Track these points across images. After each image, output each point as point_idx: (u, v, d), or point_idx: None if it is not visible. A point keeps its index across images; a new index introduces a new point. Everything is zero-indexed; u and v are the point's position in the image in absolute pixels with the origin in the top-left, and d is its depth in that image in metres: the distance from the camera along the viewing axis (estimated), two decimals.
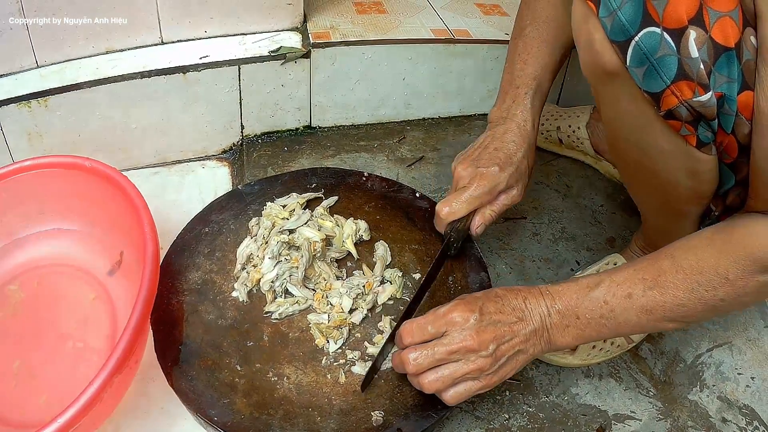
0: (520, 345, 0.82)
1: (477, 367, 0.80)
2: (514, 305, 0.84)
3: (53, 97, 1.18)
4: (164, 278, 0.97)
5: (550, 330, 0.83)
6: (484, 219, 1.01)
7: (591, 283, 0.83)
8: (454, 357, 0.80)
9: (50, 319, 1.01)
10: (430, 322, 0.83)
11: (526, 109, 1.04)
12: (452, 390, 0.82)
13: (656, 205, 1.01)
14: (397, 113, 1.54)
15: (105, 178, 0.99)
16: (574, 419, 0.99)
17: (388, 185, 1.21)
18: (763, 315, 1.19)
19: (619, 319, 0.81)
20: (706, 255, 0.77)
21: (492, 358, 0.80)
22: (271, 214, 1.08)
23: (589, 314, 0.82)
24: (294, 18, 1.39)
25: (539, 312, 0.83)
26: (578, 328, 0.83)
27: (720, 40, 0.68)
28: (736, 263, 0.74)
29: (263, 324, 0.98)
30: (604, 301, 0.81)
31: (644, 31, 0.71)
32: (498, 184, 0.99)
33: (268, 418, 0.85)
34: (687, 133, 0.76)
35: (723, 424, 1.01)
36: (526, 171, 1.04)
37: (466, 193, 0.99)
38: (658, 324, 0.81)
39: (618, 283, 0.81)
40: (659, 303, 0.79)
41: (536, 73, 1.05)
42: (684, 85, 0.71)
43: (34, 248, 1.08)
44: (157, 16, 1.27)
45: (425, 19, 1.50)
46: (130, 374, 0.88)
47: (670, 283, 0.78)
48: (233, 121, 1.39)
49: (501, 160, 1.00)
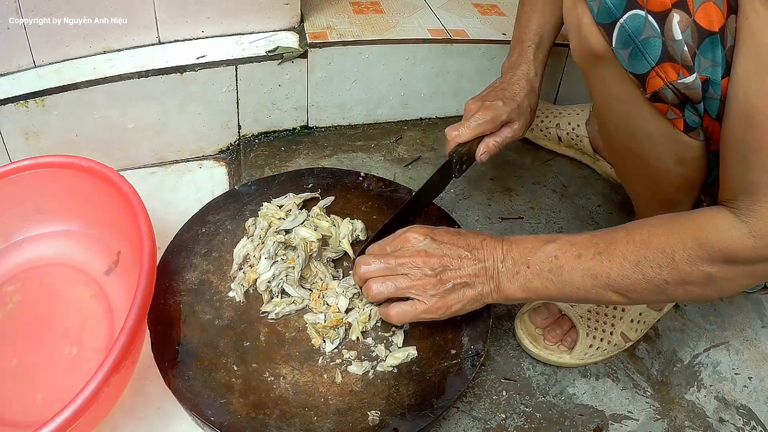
0: (467, 278, 0.87)
1: (420, 285, 0.86)
2: (469, 241, 0.89)
3: (50, 97, 1.18)
4: (161, 278, 0.97)
5: (500, 274, 0.86)
6: (487, 147, 1.11)
7: (548, 238, 0.86)
8: (401, 269, 0.87)
9: (47, 319, 1.01)
10: (389, 241, 0.92)
11: (529, 60, 1.16)
12: (398, 307, 0.88)
13: (647, 195, 1.02)
14: (395, 113, 1.54)
15: (102, 178, 0.99)
16: (571, 419, 0.99)
17: (384, 185, 1.21)
18: (760, 315, 1.19)
19: (565, 276, 0.82)
20: (658, 232, 0.77)
21: (436, 279, 0.86)
22: (267, 214, 1.08)
23: (539, 265, 0.84)
24: (291, 18, 1.39)
25: (493, 254, 0.87)
26: (526, 277, 0.85)
27: (704, 24, 0.70)
28: (683, 245, 0.74)
29: (260, 324, 0.98)
30: (554, 255, 0.83)
31: (629, 13, 0.73)
32: (500, 115, 1.09)
33: (264, 418, 0.85)
34: (674, 116, 0.78)
35: (720, 424, 1.01)
36: (528, 110, 1.13)
37: (472, 120, 1.08)
38: (602, 292, 0.81)
39: (572, 243, 0.83)
40: (605, 270, 0.79)
41: (539, 29, 1.16)
42: (669, 66, 0.73)
43: (31, 248, 1.08)
44: (154, 16, 1.27)
45: (422, 19, 1.50)
46: (127, 374, 0.88)
47: (619, 252, 0.79)
48: (230, 121, 1.39)
49: (505, 97, 1.11)
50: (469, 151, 1.11)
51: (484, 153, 1.11)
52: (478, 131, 1.08)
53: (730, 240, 0.71)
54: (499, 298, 0.87)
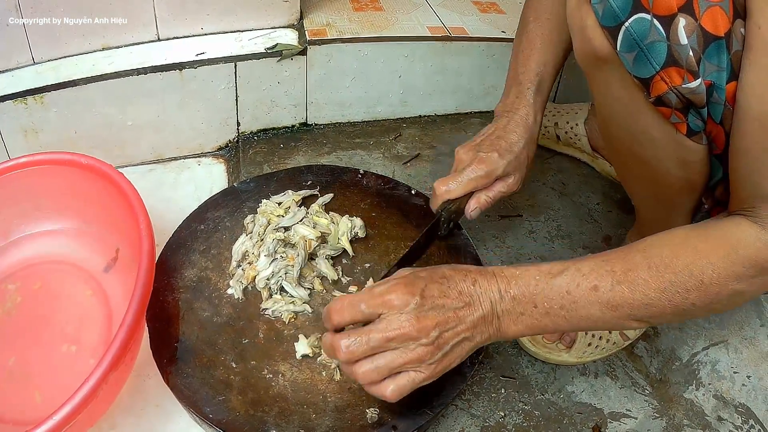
0: (465, 332, 0.75)
1: (417, 357, 0.72)
2: (461, 288, 0.76)
3: (49, 94, 1.18)
4: (160, 275, 0.97)
5: (501, 317, 0.76)
6: (479, 203, 1.01)
7: (554, 270, 0.76)
8: (391, 345, 0.72)
9: (46, 317, 1.01)
10: (365, 300, 0.74)
11: (528, 104, 1.05)
12: (393, 384, 0.74)
13: (648, 197, 1.01)
14: (394, 111, 1.54)
15: (101, 175, 0.99)
16: (570, 417, 0.99)
17: (383, 182, 1.21)
18: (759, 314, 1.19)
19: (581, 312, 0.75)
20: (682, 254, 0.72)
21: (434, 346, 0.73)
22: (266, 211, 1.08)
23: (548, 303, 0.75)
24: (290, 15, 1.39)
25: (490, 297, 0.76)
26: (534, 317, 0.76)
27: (710, 28, 0.69)
28: (712, 266, 0.70)
29: (258, 321, 0.97)
30: (567, 291, 0.75)
31: (634, 17, 0.72)
32: (496, 169, 0.99)
33: (263, 415, 0.85)
34: (677, 120, 0.77)
35: (719, 423, 1.02)
36: (525, 161, 1.04)
37: (464, 174, 0.99)
38: (622, 321, 0.75)
39: (584, 273, 0.75)
40: (627, 300, 0.73)
41: (538, 69, 1.06)
42: (673, 71, 0.72)
43: (30, 245, 1.08)
44: (153, 13, 1.26)
45: (422, 17, 1.50)
46: (125, 371, 0.89)
47: (641, 280, 0.73)
48: (229, 118, 1.39)
49: (501, 148, 1.01)
50: (459, 207, 1.02)
51: (475, 209, 1.01)
52: (470, 187, 0.99)
53: (758, 252, 0.70)
54: (498, 339, 0.79)
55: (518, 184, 1.04)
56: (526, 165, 1.05)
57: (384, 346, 0.72)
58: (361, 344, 0.72)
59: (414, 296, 0.73)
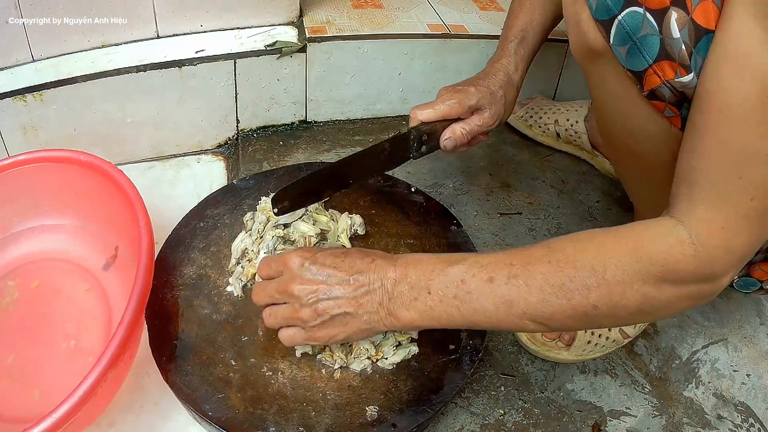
0: (347, 306, 0.77)
1: (298, 316, 0.79)
2: (353, 264, 0.79)
3: (49, 91, 1.18)
4: (159, 273, 0.97)
5: (393, 299, 0.77)
6: (453, 132, 1.03)
7: (452, 260, 0.76)
8: (281, 298, 0.81)
9: (45, 314, 1.00)
10: (273, 259, 0.85)
11: (510, 54, 1.12)
12: (285, 332, 0.83)
13: (644, 191, 1.02)
14: (393, 108, 1.53)
15: (100, 173, 0.99)
16: (570, 415, 0.99)
17: (383, 180, 1.21)
18: (759, 312, 1.19)
19: (474, 304, 0.73)
20: (587, 248, 0.70)
21: (311, 309, 0.78)
22: (266, 208, 1.08)
23: (442, 291, 0.74)
24: (290, 12, 1.38)
25: (382, 277, 0.77)
26: (427, 303, 0.75)
27: (701, 22, 0.69)
28: (617, 261, 0.68)
29: (258, 319, 0.97)
30: (461, 279, 0.74)
31: (627, 10, 0.73)
32: (469, 99, 1.02)
33: (262, 413, 0.85)
34: (671, 114, 0.78)
35: (718, 421, 1.02)
36: (501, 101, 1.06)
37: (438, 100, 1.03)
38: (517, 321, 0.73)
39: (482, 264, 0.74)
40: (522, 295, 0.71)
41: (523, 25, 1.13)
42: (666, 65, 0.72)
43: (29, 243, 1.08)
44: (153, 10, 1.26)
45: (421, 14, 1.50)
46: (124, 369, 0.88)
47: (539, 274, 0.70)
48: (229, 115, 1.39)
49: (478, 84, 1.06)
50: (432, 131, 1.03)
51: (449, 138, 1.03)
52: (444, 111, 1.01)
53: (668, 249, 0.67)
54: (394, 325, 0.78)
55: (492, 119, 1.06)
56: (503, 104, 1.07)
57: (276, 297, 0.82)
58: (263, 290, 0.84)
59: (306, 259, 0.80)
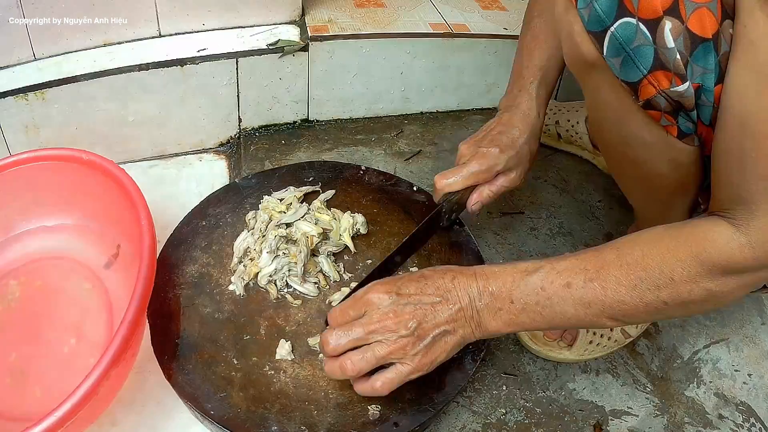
0: (445, 325, 0.78)
1: (399, 347, 0.77)
2: (438, 285, 0.80)
3: (51, 90, 1.18)
4: (161, 271, 0.97)
5: (480, 312, 0.79)
6: (481, 197, 1.02)
7: (530, 268, 0.79)
8: (373, 337, 0.77)
9: (47, 313, 1.00)
10: (350, 305, 0.81)
11: (531, 98, 1.05)
12: (382, 378, 0.78)
13: (643, 198, 1.01)
14: (395, 107, 1.53)
15: (102, 171, 0.99)
16: (571, 414, 0.99)
17: (385, 179, 1.20)
18: (760, 312, 1.19)
19: (556, 308, 0.77)
20: (653, 252, 0.73)
21: (414, 337, 0.77)
22: (268, 207, 1.08)
23: (524, 299, 0.78)
24: (292, 11, 1.38)
25: (468, 292, 0.79)
26: (511, 312, 0.78)
27: (697, 30, 0.69)
28: (682, 264, 0.71)
29: (260, 318, 0.97)
30: (541, 287, 0.77)
31: (620, 21, 0.72)
32: (497, 164, 1.00)
33: (264, 411, 0.85)
34: (667, 123, 0.77)
35: (720, 421, 1.01)
36: (528, 156, 1.04)
37: (465, 168, 1.00)
38: (596, 320, 0.77)
39: (558, 270, 0.77)
40: (599, 297, 0.75)
41: (542, 63, 1.06)
42: (661, 74, 0.71)
43: (31, 241, 1.08)
44: (155, 9, 1.26)
45: (424, 13, 1.50)
46: (126, 367, 0.88)
47: (612, 277, 0.74)
48: (231, 114, 1.39)
49: (503, 143, 1.01)
50: (460, 199, 1.02)
51: (477, 203, 1.02)
52: (471, 181, 1.00)
53: (729, 253, 0.69)
54: (482, 335, 0.81)
55: (520, 179, 1.04)
56: (528, 159, 1.05)
57: (366, 338, 0.78)
58: (345, 336, 0.78)
59: (390, 293, 0.79)
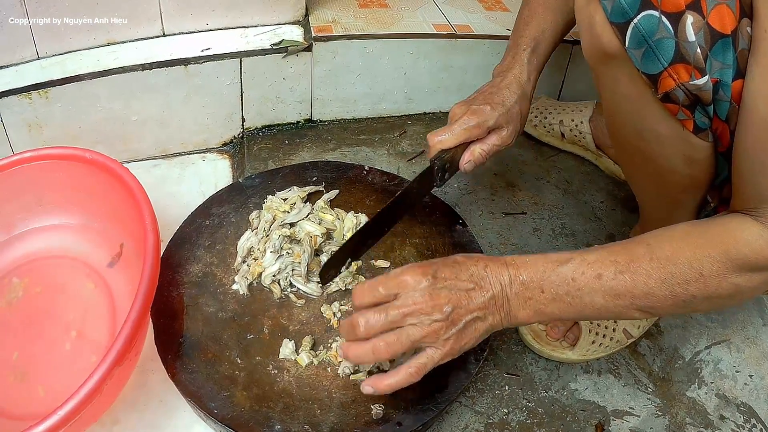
0: (477, 311, 0.78)
1: (433, 331, 0.76)
2: (472, 272, 0.80)
3: (54, 89, 1.18)
4: (165, 271, 0.97)
5: (510, 300, 0.79)
6: (473, 156, 1.02)
7: (561, 259, 0.79)
8: (408, 320, 0.76)
9: (50, 312, 1.01)
10: (382, 283, 0.79)
11: (522, 63, 1.08)
12: (415, 364, 0.77)
13: (653, 194, 1.02)
14: (398, 107, 1.54)
15: (105, 170, 0.99)
16: (573, 414, 0.99)
17: (388, 179, 1.21)
18: (761, 313, 1.19)
19: (585, 299, 0.77)
20: (683, 247, 0.75)
21: (448, 321, 0.76)
22: (271, 207, 1.08)
23: (554, 289, 0.78)
24: (296, 11, 1.39)
25: (500, 280, 0.79)
26: (541, 302, 0.79)
27: (717, 26, 0.70)
28: (711, 259, 0.73)
29: (263, 317, 0.98)
30: (572, 278, 0.78)
31: (643, 13, 0.73)
32: (487, 120, 1.01)
33: (268, 411, 0.85)
34: (684, 117, 0.78)
35: (721, 422, 1.02)
36: (518, 116, 1.05)
37: (456, 124, 1.01)
38: (624, 311, 0.78)
39: (589, 262, 0.78)
40: (629, 289, 0.76)
41: (536, 34, 1.09)
42: (681, 67, 0.73)
43: (34, 240, 1.08)
44: (158, 8, 1.26)
45: (427, 14, 1.50)
46: (130, 366, 0.89)
47: (643, 270, 0.75)
48: (234, 113, 1.39)
49: (494, 102, 1.03)
50: (453, 158, 1.02)
51: (469, 162, 1.02)
52: (463, 137, 1.00)
53: (759, 249, 0.71)
54: (509, 324, 0.81)
55: (511, 137, 1.05)
56: (519, 120, 1.06)
57: (400, 321, 0.76)
58: (379, 319, 0.76)
59: (427, 276, 0.77)
